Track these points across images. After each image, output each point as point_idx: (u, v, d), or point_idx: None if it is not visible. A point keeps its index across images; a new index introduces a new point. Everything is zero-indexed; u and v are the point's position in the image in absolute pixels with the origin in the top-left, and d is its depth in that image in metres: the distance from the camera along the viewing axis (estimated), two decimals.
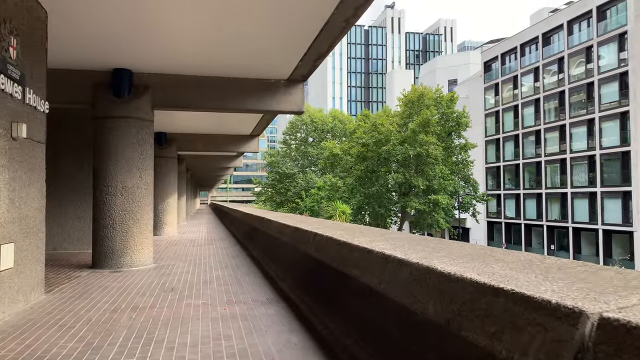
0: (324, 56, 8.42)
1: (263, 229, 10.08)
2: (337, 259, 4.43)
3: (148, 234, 9.18)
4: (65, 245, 11.65)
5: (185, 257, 10.31)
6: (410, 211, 34.54)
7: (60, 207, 11.66)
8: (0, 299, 4.88)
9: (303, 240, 5.92)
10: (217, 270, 8.44)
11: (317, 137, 61.63)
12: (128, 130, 8.89)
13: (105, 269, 8.68)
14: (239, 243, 13.57)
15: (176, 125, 16.30)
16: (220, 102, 9.53)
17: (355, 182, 37.43)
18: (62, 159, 11.65)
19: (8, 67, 4.96)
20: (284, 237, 7.18)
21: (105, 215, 8.77)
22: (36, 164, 5.86)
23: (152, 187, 9.38)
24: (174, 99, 9.37)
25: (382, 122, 36.20)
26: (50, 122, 11.93)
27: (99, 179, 8.88)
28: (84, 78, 8.95)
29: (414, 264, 2.89)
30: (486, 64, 57.12)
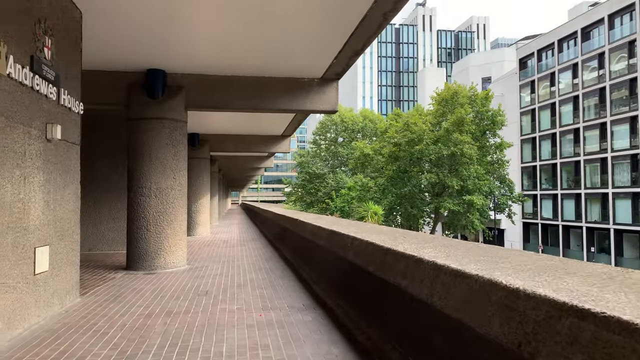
0: (359, 54, 8.16)
1: (295, 230, 9.89)
2: (378, 265, 4.17)
3: (182, 236, 9.12)
4: (100, 245, 11.75)
5: (218, 259, 10.22)
6: (444, 212, 33.77)
7: (95, 208, 11.78)
8: (36, 303, 4.82)
9: (340, 244, 5.68)
10: (251, 272, 8.28)
11: (347, 137, 61.28)
12: (162, 131, 8.84)
13: (139, 270, 8.66)
14: (270, 244, 13.44)
15: (208, 126, 16.33)
16: (253, 102, 9.39)
17: (387, 183, 36.89)
18: (97, 161, 11.75)
19: (43, 67, 4.90)
20: (319, 240, 6.95)
21: (139, 216, 8.74)
22: (71, 165, 5.81)
23: (186, 189, 9.32)
24: (207, 99, 9.28)
25: (414, 121, 35.54)
26: (85, 124, 12.06)
27: (133, 180, 8.86)
28: (118, 79, 8.95)
29: (473, 276, 2.60)
30: (522, 60, 55.57)
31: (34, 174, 4.77)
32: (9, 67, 4.19)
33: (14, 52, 4.33)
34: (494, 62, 72.75)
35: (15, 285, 4.37)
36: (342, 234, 5.63)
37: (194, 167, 17.07)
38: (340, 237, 5.68)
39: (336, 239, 5.90)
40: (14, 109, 4.36)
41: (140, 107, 8.86)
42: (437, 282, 2.98)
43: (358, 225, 6.50)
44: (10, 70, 4.23)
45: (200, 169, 17.71)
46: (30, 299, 4.70)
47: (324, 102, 9.69)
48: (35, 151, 4.79)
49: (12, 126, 4.32)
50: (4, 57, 4.08)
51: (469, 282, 2.62)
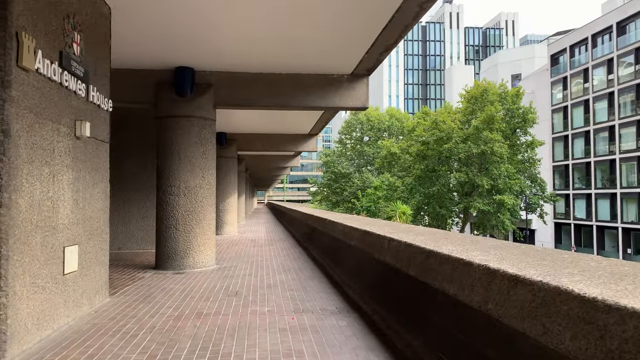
0: (390, 48, 7.89)
1: (325, 230, 9.67)
2: (419, 269, 3.92)
3: (210, 235, 9.01)
4: (130, 244, 11.77)
5: (247, 258, 10.09)
6: (473, 212, 33.03)
7: (125, 206, 11.81)
8: (65, 303, 4.73)
9: (375, 245, 5.43)
10: (280, 273, 8.10)
11: (374, 136, 60.79)
12: (190, 129, 8.75)
13: (168, 270, 8.58)
14: (298, 244, 13.27)
15: (236, 125, 16.27)
16: (282, 99, 9.21)
17: (415, 182, 36.31)
18: (126, 159, 11.78)
19: (72, 63, 4.81)
20: (351, 241, 6.72)
21: (168, 215, 8.67)
22: (100, 163, 5.72)
23: (215, 187, 9.21)
24: (236, 97, 9.15)
25: (443, 119, 34.87)
26: (114, 122, 12.10)
27: (162, 179, 8.80)
28: (146, 77, 8.90)
29: (536, 282, 2.33)
30: (553, 57, 54.07)
31: (63, 172, 4.68)
32: (37, 62, 4.09)
33: (43, 47, 4.23)
34: (524, 58, 71.06)
35: (44, 286, 4.28)
36: (377, 235, 5.39)
37: (221, 166, 17.06)
38: (375, 238, 5.44)
39: (370, 240, 5.65)
40: (43, 105, 4.26)
41: (169, 105, 8.79)
42: (492, 288, 2.71)
43: (393, 226, 6.24)
44: (39, 65, 4.13)
45: (228, 168, 17.68)
46: (60, 300, 4.61)
47: (354, 99, 9.44)
48: (64, 149, 4.69)
49: (41, 123, 4.22)
50: (32, 51, 3.98)
51: (531, 289, 2.35)
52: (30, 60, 3.94)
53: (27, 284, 3.98)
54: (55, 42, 4.49)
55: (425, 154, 35.54)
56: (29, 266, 4.00)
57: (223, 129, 16.61)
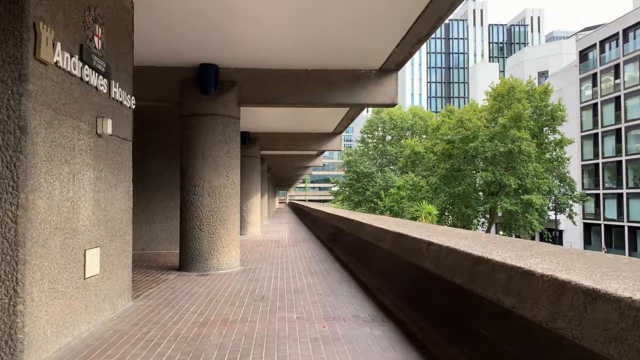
0: (422, 41, 7.52)
1: (351, 231, 9.36)
2: (466, 277, 3.57)
3: (235, 236, 8.78)
4: (154, 245, 11.65)
5: (271, 260, 9.84)
6: (500, 212, 32.21)
7: (149, 206, 11.69)
8: (86, 308, 4.53)
9: (410, 249, 5.09)
10: (307, 276, 7.82)
11: (396, 135, 60.13)
12: (214, 127, 8.54)
13: (192, 271, 8.38)
14: (323, 245, 12.97)
15: (259, 125, 16.07)
16: (307, 96, 8.93)
17: (440, 182, 35.63)
18: (149, 158, 11.66)
19: (93, 57, 4.60)
20: (382, 243, 6.39)
21: (192, 215, 8.47)
22: (122, 162, 5.52)
23: (239, 187, 8.98)
24: (260, 94, 8.90)
25: (469, 117, 34.10)
26: (138, 120, 11.98)
27: (185, 179, 8.61)
28: (170, 75, 8.72)
29: (623, 299, 1.98)
30: (582, 52, 52.56)
31: (84, 171, 4.47)
32: (56, 55, 3.88)
33: (62, 39, 4.02)
34: (551, 55, 69.36)
35: (64, 291, 4.07)
36: (412, 238, 5.05)
37: (245, 166, 16.88)
38: (411, 241, 5.10)
39: (405, 243, 5.31)
40: (62, 100, 4.05)
41: (193, 103, 8.59)
42: (561, 303, 2.36)
43: (428, 228, 5.88)
44: (58, 58, 3.92)
45: (251, 167, 17.51)
46: (80, 305, 4.40)
47: (383, 95, 9.10)
48: (85, 147, 4.49)
49: (61, 119, 4.01)
50: (50, 43, 3.77)
51: (617, 307, 2.00)
52: (48, 53, 3.73)
53: (46, 289, 3.77)
54: (75, 35, 4.28)
55: (451, 153, 34.82)
56: (47, 270, 3.79)
57: (246, 128, 16.42)
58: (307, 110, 13.90)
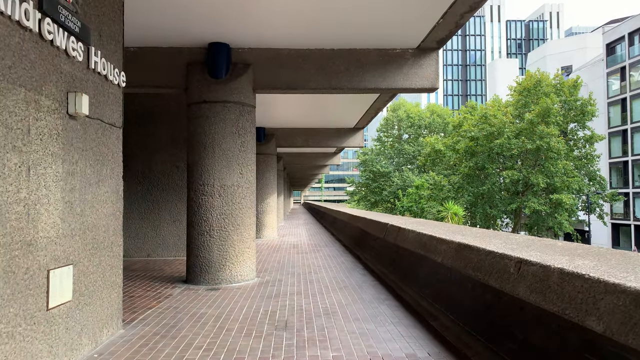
0: (476, 7, 6.23)
1: (385, 237, 8.10)
2: (612, 322, 2.30)
3: (250, 243, 7.57)
4: (160, 251, 10.51)
5: (292, 269, 8.61)
6: (528, 212, 30.57)
7: (155, 208, 10.55)
8: (51, 350, 3.33)
9: (486, 268, 3.81)
10: (336, 291, 6.57)
11: (414, 133, 58.53)
12: (226, 117, 7.34)
13: (200, 284, 7.19)
14: (347, 250, 11.71)
15: (275, 120, 14.89)
16: (334, 80, 7.68)
17: (462, 181, 34.06)
18: (156, 154, 10.54)
19: (60, 10, 3.41)
20: (435, 256, 5.11)
21: (201, 219, 7.28)
22: (108, 154, 4.33)
23: (254, 186, 7.78)
24: (279, 78, 7.68)
25: (493, 113, 32.49)
26: (142, 112, 10.89)
27: (193, 177, 7.42)
28: (175, 57, 7.56)
29: None
30: (609, 46, 50.41)
31: (47, 163, 3.28)
32: None
33: None
34: (574, 49, 67.07)
35: (11, 332, 2.88)
36: (489, 252, 3.76)
37: (260, 164, 15.71)
38: (487, 256, 3.82)
39: (475, 259, 4.03)
40: (7, 62, 2.86)
41: (201, 89, 7.40)
42: None
43: (503, 237, 4.57)
44: None
45: (267, 165, 16.32)
46: (41, 347, 3.21)
47: (421, 78, 7.82)
48: (48, 130, 3.30)
49: (3, 88, 2.82)
50: None
51: None
52: None
53: None
54: None
55: (474, 151, 33.22)
56: None
57: (261, 123, 15.25)
58: (327, 103, 12.68)
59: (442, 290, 4.78)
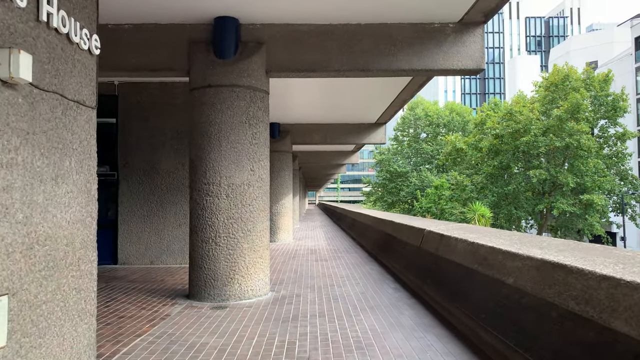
0: None
1: (423, 245, 6.94)
2: None
3: (263, 251, 6.46)
4: (164, 257, 9.47)
5: (311, 281, 7.48)
6: (556, 213, 28.97)
7: (158, 211, 9.52)
8: None
9: (600, 301, 2.64)
10: (366, 312, 5.43)
11: (432, 132, 56.94)
12: (234, 103, 6.24)
13: (204, 301, 6.11)
14: (372, 257, 10.55)
15: (290, 115, 13.80)
16: (361, 60, 6.54)
17: (486, 180, 32.55)
18: (159, 151, 9.53)
19: None
20: (503, 276, 3.92)
21: (205, 224, 6.20)
22: (74, 141, 3.24)
23: (268, 185, 6.68)
24: (297, 58, 6.57)
25: (519, 109, 30.93)
26: (145, 104, 9.85)
27: (196, 174, 6.35)
28: (176, 35, 6.50)
29: None
30: (638, 39, 48.39)
31: None
32: None
33: None
34: (601, 44, 64.77)
35: None
36: (614, 280, 2.58)
37: (274, 162, 14.63)
38: (601, 283, 2.64)
39: (580, 285, 2.85)
40: None
41: (205, 72, 6.32)
42: None
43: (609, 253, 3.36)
44: None
45: (282, 164, 15.24)
46: None
47: (464, 57, 6.64)
48: None
49: None
50: None
51: None
52: None
53: None
54: None
55: (498, 149, 31.69)
56: None
57: (276, 119, 14.18)
58: (348, 96, 11.54)
59: (517, 322, 3.60)
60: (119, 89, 9.57)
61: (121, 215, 9.50)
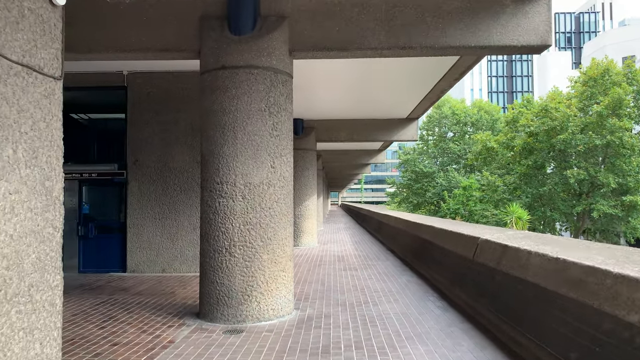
0: None
1: (478, 258, 5.86)
2: None
3: (285, 263, 5.47)
4: (177, 265, 8.58)
5: (340, 297, 6.46)
6: (596, 215, 27.25)
7: (171, 214, 8.64)
8: None
9: None
10: (413, 341, 4.38)
11: (459, 131, 55.18)
12: (253, 87, 5.27)
13: (217, 321, 5.15)
14: (406, 266, 9.47)
15: (314, 109, 12.83)
16: (403, 35, 5.50)
17: (519, 180, 30.93)
18: (174, 147, 8.66)
19: None
20: (618, 309, 2.84)
21: (218, 231, 5.24)
22: (19, 121, 2.31)
23: (292, 185, 5.69)
24: (325, 35, 5.57)
25: (555, 106, 29.19)
26: (157, 96, 8.97)
27: (208, 172, 5.40)
28: (185, 10, 5.57)
29: None
30: None
31: None
32: None
33: None
34: (635, 38, 62.03)
35: None
36: None
37: (297, 161, 13.58)
38: None
39: None
40: None
41: (219, 51, 5.36)
42: None
43: None
44: None
45: (306, 162, 14.27)
46: None
47: (526, 31, 5.53)
48: None
49: None
50: None
51: None
52: None
53: None
54: None
55: (533, 147, 30.04)
56: None
57: (298, 114, 13.22)
58: (377, 88, 10.52)
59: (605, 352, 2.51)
60: (128, 79, 8.72)
61: (130, 219, 8.65)
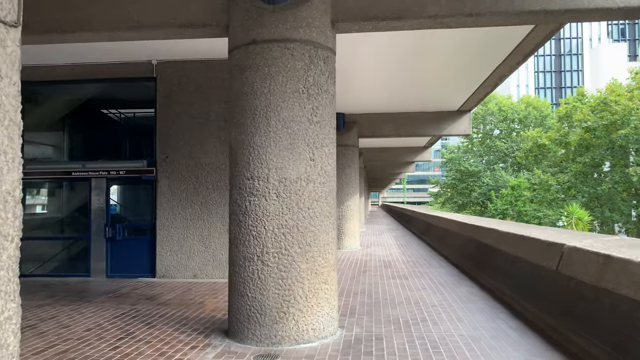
0: None
1: (563, 270, 4.85)
2: None
3: (328, 274, 4.61)
4: (209, 270, 7.89)
5: (392, 312, 5.55)
6: None
7: (204, 213, 7.96)
8: None
9: None
10: None
11: (506, 128, 52.87)
12: (289, 65, 4.44)
13: (247, 343, 4.35)
14: (462, 273, 8.44)
15: (355, 103, 11.96)
16: (464, 1, 4.54)
17: (574, 179, 28.94)
18: (206, 142, 7.98)
19: None
20: None
21: (249, 235, 4.44)
22: None
23: (334, 182, 4.83)
24: (374, 2, 4.68)
25: (614, 98, 27.10)
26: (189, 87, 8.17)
27: (237, 166, 4.62)
28: None
29: None
30: None
31: None
32: None
33: None
34: None
35: None
36: None
37: (339, 157, 12.73)
38: None
39: None
40: None
41: (249, 23, 4.56)
42: None
43: None
44: None
45: (348, 159, 13.38)
46: None
47: None
48: None
49: None
50: None
51: None
52: None
53: None
54: None
55: (590, 144, 28.02)
56: None
57: (339, 108, 12.34)
58: (426, 73, 9.52)
59: None
60: (157, 69, 8.10)
61: (160, 219, 8.03)
